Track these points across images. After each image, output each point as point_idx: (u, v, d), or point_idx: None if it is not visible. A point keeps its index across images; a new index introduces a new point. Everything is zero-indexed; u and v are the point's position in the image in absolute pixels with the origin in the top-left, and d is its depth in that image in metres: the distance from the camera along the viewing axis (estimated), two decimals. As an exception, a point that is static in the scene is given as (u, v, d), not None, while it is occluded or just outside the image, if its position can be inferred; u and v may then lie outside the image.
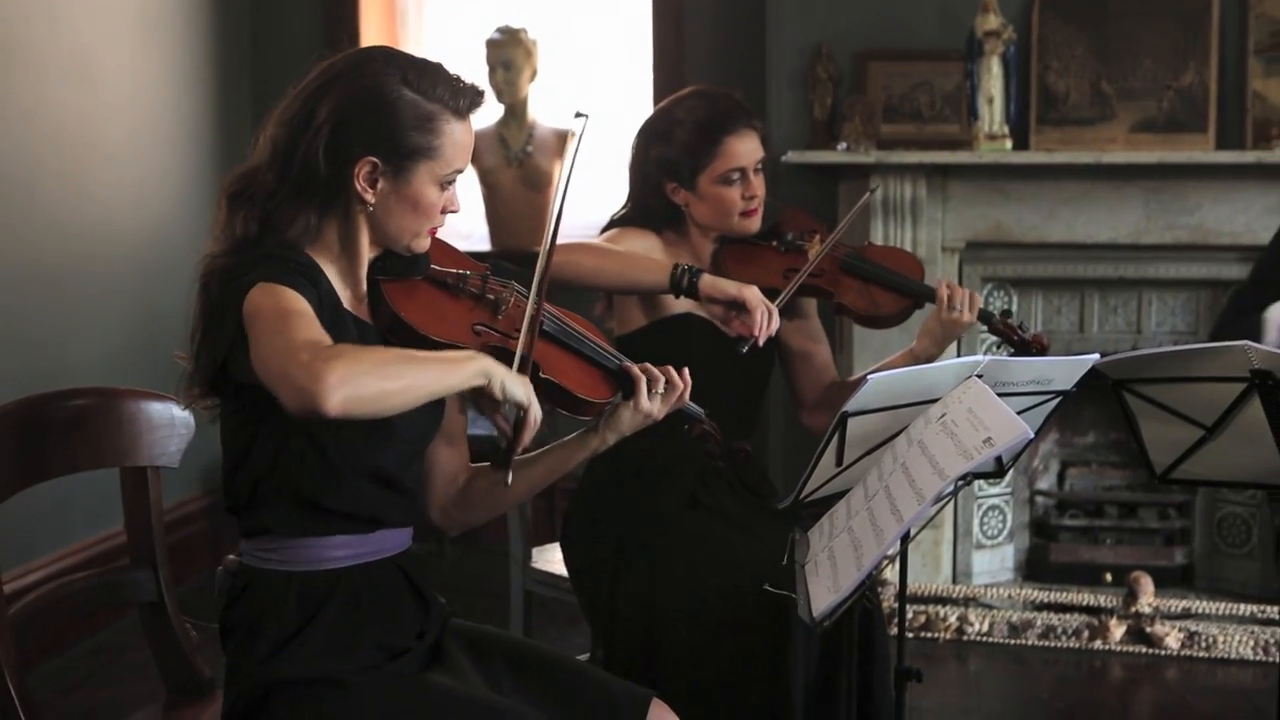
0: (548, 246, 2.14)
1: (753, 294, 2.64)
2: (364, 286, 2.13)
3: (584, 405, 2.22)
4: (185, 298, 2.08)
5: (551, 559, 3.18)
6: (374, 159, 2.04)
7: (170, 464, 2.43)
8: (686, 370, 2.24)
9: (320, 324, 1.93)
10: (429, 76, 2.07)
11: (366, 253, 2.12)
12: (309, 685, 2.03)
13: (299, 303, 1.94)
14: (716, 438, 2.33)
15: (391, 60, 2.08)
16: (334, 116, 2.02)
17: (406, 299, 2.12)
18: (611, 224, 2.95)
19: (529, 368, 2.08)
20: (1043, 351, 2.89)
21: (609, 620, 2.77)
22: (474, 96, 2.11)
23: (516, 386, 1.97)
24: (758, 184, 2.86)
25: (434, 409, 2.16)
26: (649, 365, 2.23)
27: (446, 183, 2.10)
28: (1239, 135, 4.47)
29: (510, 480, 2.09)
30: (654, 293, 2.78)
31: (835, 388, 3.04)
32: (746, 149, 2.84)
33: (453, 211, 2.14)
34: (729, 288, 2.65)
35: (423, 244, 2.13)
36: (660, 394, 2.21)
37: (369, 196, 2.05)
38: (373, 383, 1.83)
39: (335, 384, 1.78)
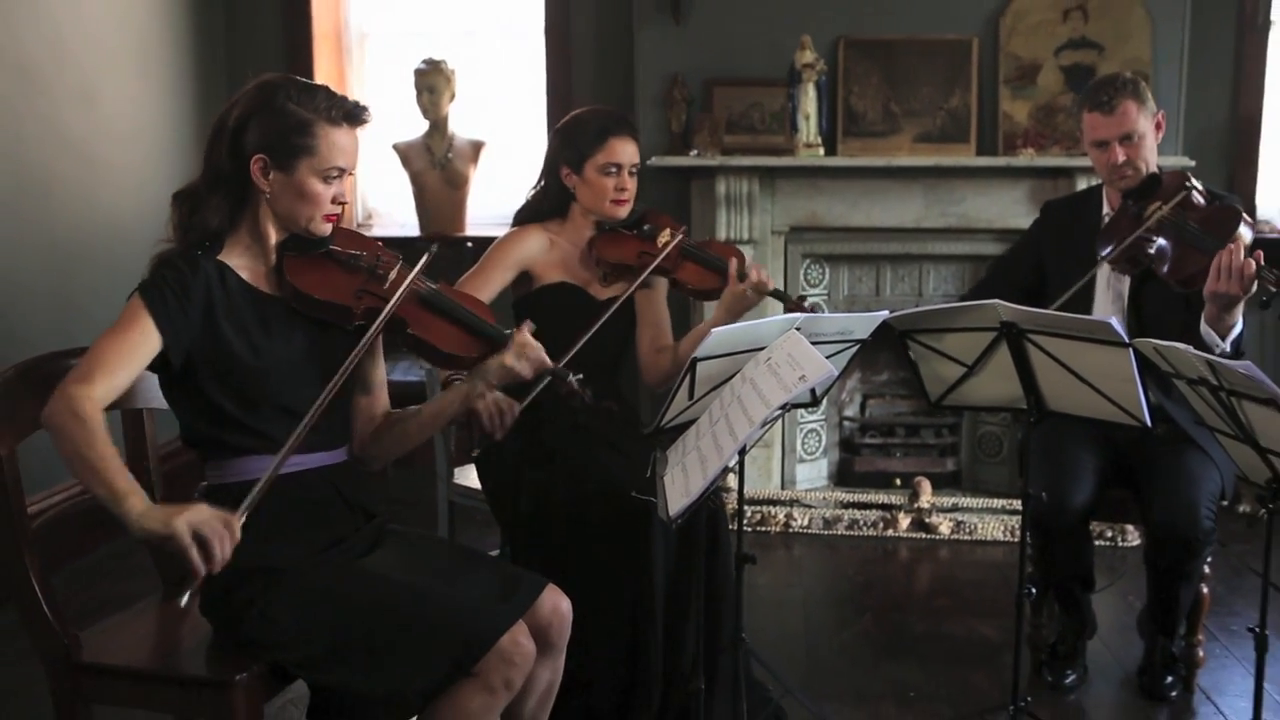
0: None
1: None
2: (272, 260, 2.15)
3: (448, 359, 2.21)
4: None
5: (469, 476, 3.16)
6: (264, 156, 2.07)
7: (161, 406, 2.36)
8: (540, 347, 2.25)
9: (135, 357, 1.99)
10: (309, 94, 2.09)
11: (272, 234, 2.14)
12: (258, 571, 2.04)
13: (130, 332, 2.00)
14: (582, 396, 2.26)
15: (281, 83, 2.10)
16: (235, 125, 2.07)
17: (302, 270, 2.13)
18: (516, 218, 2.94)
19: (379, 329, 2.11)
20: None
21: (512, 523, 2.75)
22: (351, 109, 2.11)
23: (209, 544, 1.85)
24: (629, 182, 2.84)
25: (315, 376, 2.12)
26: (526, 336, 2.22)
27: (329, 177, 2.10)
28: (993, 145, 4.55)
29: (185, 602, 1.87)
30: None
31: (667, 349, 2.99)
32: (625, 150, 2.83)
33: (342, 203, 2.14)
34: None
35: (321, 228, 2.13)
36: (527, 358, 2.21)
37: (264, 185, 2.09)
38: (63, 445, 1.88)
39: (56, 411, 1.89)
